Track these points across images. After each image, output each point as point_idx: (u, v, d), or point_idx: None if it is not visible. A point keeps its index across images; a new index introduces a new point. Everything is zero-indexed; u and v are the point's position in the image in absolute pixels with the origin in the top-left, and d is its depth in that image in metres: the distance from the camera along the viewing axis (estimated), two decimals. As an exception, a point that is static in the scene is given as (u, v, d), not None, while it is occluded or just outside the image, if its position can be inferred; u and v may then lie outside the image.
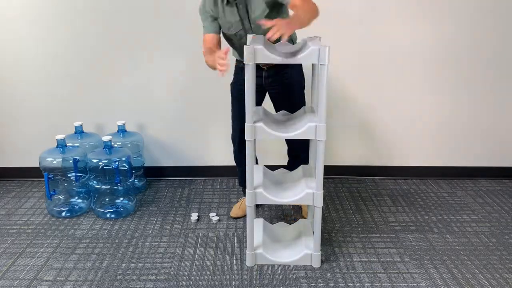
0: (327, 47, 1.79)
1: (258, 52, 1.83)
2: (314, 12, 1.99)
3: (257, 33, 2.16)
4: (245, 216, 2.59)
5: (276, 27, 1.74)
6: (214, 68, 2.04)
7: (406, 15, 2.79)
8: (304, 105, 2.39)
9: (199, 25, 2.79)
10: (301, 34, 2.43)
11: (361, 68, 2.89)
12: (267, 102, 2.41)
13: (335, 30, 2.79)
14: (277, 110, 2.40)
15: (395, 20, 2.80)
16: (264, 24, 1.78)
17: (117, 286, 2.01)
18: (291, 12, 2.13)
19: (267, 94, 2.42)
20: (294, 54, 1.89)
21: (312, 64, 2.20)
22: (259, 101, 2.40)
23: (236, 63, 2.41)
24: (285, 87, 2.33)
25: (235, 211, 2.64)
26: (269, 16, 2.11)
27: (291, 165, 2.54)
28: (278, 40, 2.12)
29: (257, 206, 2.69)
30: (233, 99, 2.43)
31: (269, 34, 1.73)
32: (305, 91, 2.41)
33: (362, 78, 2.92)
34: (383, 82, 2.93)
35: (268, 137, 1.95)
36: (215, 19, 2.21)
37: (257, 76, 2.26)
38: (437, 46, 2.85)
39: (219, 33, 2.26)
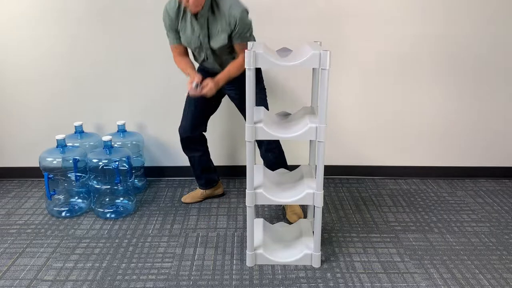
0: (328, 52, 1.80)
1: (259, 58, 1.83)
2: (241, 68, 2.28)
3: (213, 55, 2.30)
4: (193, 202, 2.77)
5: (208, 87, 2.22)
6: (184, 73, 2.34)
7: (406, 14, 2.79)
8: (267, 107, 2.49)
9: (199, 25, 2.80)
10: (301, 37, 2.45)
11: (360, 68, 2.90)
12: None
13: (334, 30, 2.79)
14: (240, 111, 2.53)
15: (396, 19, 2.80)
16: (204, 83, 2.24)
17: (117, 286, 2.01)
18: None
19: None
20: (295, 59, 1.89)
21: (313, 68, 2.21)
22: (216, 104, 2.59)
23: (199, 64, 2.52)
24: (236, 95, 2.46)
25: (184, 196, 2.80)
26: (224, 48, 2.26)
27: (267, 160, 2.56)
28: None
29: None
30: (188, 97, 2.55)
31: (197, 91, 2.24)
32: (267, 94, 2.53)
33: (361, 77, 2.92)
34: (383, 82, 2.93)
35: (268, 138, 1.96)
36: (176, 31, 2.32)
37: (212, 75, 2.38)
38: (438, 46, 2.85)
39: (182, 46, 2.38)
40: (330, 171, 3.08)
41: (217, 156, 3.08)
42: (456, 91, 2.96)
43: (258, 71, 2.44)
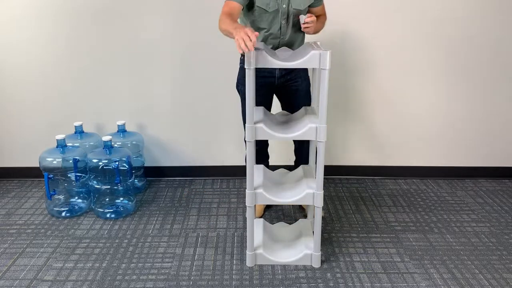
0: (328, 51, 1.80)
1: (259, 57, 1.83)
2: (323, 25, 2.34)
3: (287, 26, 2.19)
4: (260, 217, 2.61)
5: (312, 24, 2.13)
6: (230, 35, 1.90)
7: (408, 13, 2.79)
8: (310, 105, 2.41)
9: (199, 25, 2.80)
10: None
11: (361, 68, 2.89)
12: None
13: (337, 29, 2.79)
14: (284, 109, 2.44)
15: (397, 18, 2.80)
16: (306, 19, 2.11)
17: (117, 286, 2.01)
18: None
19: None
20: (295, 58, 1.89)
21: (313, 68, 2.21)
22: (270, 100, 2.44)
23: (242, 62, 2.36)
24: (297, 88, 2.35)
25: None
26: (305, 11, 2.23)
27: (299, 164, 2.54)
28: (278, 46, 2.26)
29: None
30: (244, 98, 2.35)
31: (306, 26, 2.13)
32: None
33: (362, 78, 2.92)
34: (383, 82, 2.93)
35: (268, 138, 1.96)
36: None
37: (269, 77, 2.30)
38: (438, 45, 2.85)
39: (243, 6, 2.11)
40: (330, 171, 3.08)
41: (217, 156, 3.08)
42: (456, 91, 2.95)
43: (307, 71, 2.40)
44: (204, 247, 2.31)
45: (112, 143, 2.61)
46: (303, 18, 2.14)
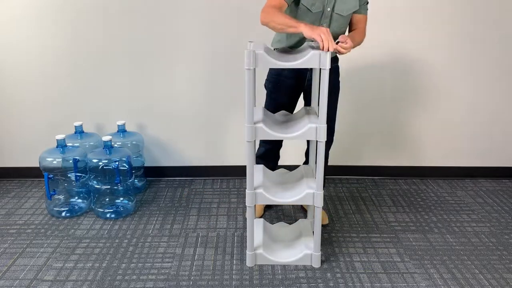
0: (328, 52, 1.80)
1: (259, 57, 1.83)
2: (361, 42, 2.18)
3: (332, 23, 2.12)
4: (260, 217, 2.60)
5: (349, 44, 1.95)
6: (289, 28, 1.90)
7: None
8: (336, 109, 2.38)
9: (198, 25, 2.80)
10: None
11: (361, 68, 2.89)
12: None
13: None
14: None
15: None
16: (344, 39, 1.96)
17: (117, 286, 2.01)
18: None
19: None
20: (295, 59, 1.89)
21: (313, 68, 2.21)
22: (296, 102, 2.39)
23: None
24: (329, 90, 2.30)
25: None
26: (348, 18, 2.15)
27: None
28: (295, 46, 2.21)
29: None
30: (274, 95, 2.32)
31: (342, 47, 1.94)
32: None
33: (363, 78, 2.92)
34: (383, 82, 2.93)
35: (268, 137, 1.96)
36: None
37: (299, 78, 2.28)
38: (439, 45, 2.85)
39: (288, 4, 2.07)
40: (330, 171, 3.08)
41: (217, 156, 3.08)
42: (455, 91, 2.95)
43: (336, 71, 2.32)
44: (204, 247, 2.31)
45: (112, 143, 2.61)
46: (344, 38, 1.99)
